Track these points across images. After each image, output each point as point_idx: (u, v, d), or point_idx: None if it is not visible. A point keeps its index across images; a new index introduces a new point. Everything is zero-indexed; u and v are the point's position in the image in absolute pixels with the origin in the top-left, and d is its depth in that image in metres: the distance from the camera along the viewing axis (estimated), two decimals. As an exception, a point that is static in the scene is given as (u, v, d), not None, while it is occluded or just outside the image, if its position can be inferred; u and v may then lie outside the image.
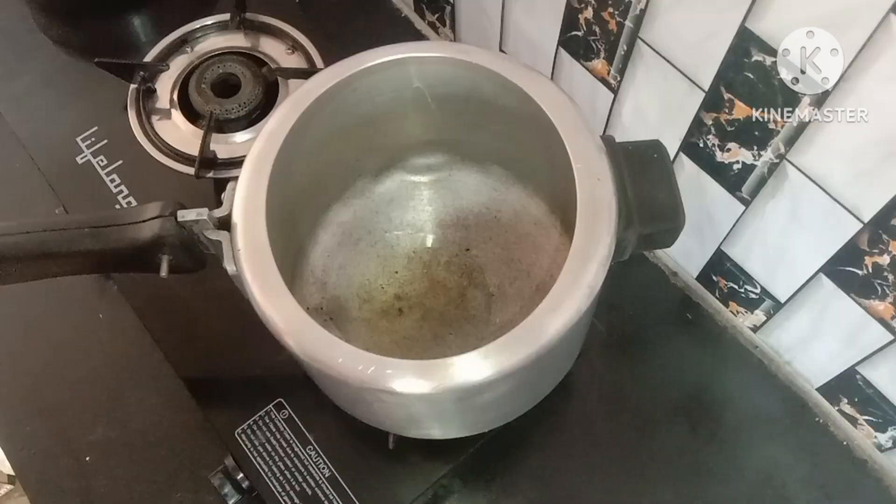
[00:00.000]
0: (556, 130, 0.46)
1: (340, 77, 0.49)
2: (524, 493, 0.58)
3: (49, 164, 0.71)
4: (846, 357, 0.55)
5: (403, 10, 0.81)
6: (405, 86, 0.52)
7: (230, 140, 0.70)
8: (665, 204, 0.47)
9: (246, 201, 0.45)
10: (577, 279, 0.42)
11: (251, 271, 0.44)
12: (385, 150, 0.59)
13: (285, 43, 0.76)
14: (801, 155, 0.47)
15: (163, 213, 0.46)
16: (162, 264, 0.47)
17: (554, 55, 0.62)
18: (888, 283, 0.47)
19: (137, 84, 0.72)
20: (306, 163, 0.51)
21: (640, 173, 0.47)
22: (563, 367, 0.54)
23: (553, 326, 0.41)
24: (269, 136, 0.48)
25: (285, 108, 0.49)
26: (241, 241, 0.44)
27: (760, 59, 0.44)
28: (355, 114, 0.53)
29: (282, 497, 0.56)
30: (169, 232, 0.46)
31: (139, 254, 0.47)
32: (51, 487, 0.59)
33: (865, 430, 0.59)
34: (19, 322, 0.66)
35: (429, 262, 0.60)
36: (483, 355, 0.40)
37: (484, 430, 0.55)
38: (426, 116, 0.56)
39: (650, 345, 0.64)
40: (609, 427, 0.61)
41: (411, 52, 0.50)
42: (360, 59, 0.50)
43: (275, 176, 0.46)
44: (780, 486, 0.58)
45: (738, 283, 0.61)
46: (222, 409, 0.59)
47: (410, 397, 0.41)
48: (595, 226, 0.43)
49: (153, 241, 0.46)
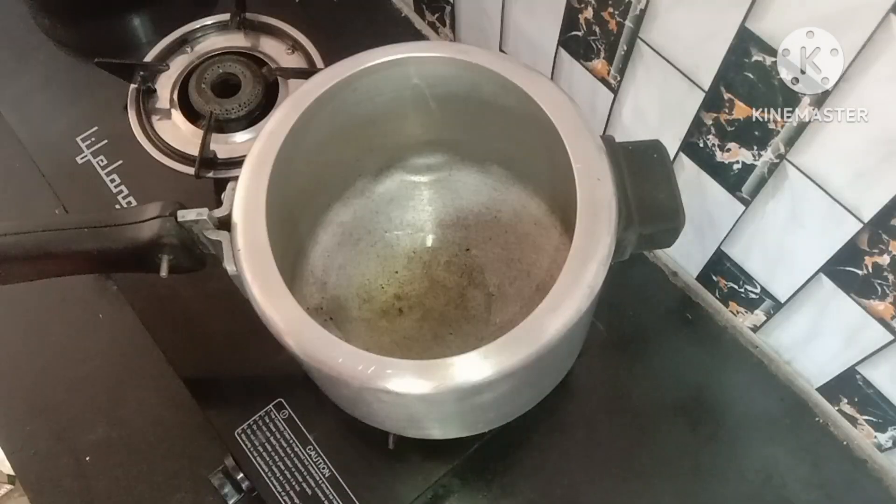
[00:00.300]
0: (556, 130, 0.46)
1: (340, 77, 0.49)
2: (524, 493, 0.58)
3: (49, 164, 0.71)
4: (846, 357, 0.55)
5: (403, 10, 0.81)
6: (405, 86, 0.52)
7: (230, 140, 0.70)
8: (665, 204, 0.47)
9: (246, 201, 0.45)
10: (577, 279, 0.42)
11: (251, 271, 0.44)
12: (385, 150, 0.59)
13: (285, 43, 0.76)
14: (801, 155, 0.47)
15: (163, 213, 0.46)
16: (162, 264, 0.47)
17: (554, 55, 0.62)
18: (888, 283, 0.47)
19: (137, 84, 0.72)
20: (306, 163, 0.51)
21: (640, 173, 0.47)
22: (564, 367, 0.54)
23: (553, 326, 0.41)
24: (269, 136, 0.48)
25: (285, 108, 0.49)
26: (241, 241, 0.44)
27: (760, 59, 0.44)
28: (355, 114, 0.53)
29: (282, 497, 0.56)
30: (169, 232, 0.46)
31: (139, 254, 0.47)
32: (51, 487, 0.59)
33: (865, 430, 0.59)
34: (19, 322, 0.66)
35: (429, 262, 0.60)
36: (483, 355, 0.40)
37: (484, 430, 0.55)
38: (426, 116, 0.56)
39: (650, 345, 0.64)
40: (609, 427, 0.61)
41: (411, 52, 0.50)
42: (360, 59, 0.50)
43: (275, 176, 0.46)
44: (780, 486, 0.58)
45: (738, 283, 0.61)
46: (222, 409, 0.59)
47: (410, 397, 0.41)
48: (595, 226, 0.43)
49: (153, 242, 0.46)
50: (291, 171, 0.49)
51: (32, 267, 0.47)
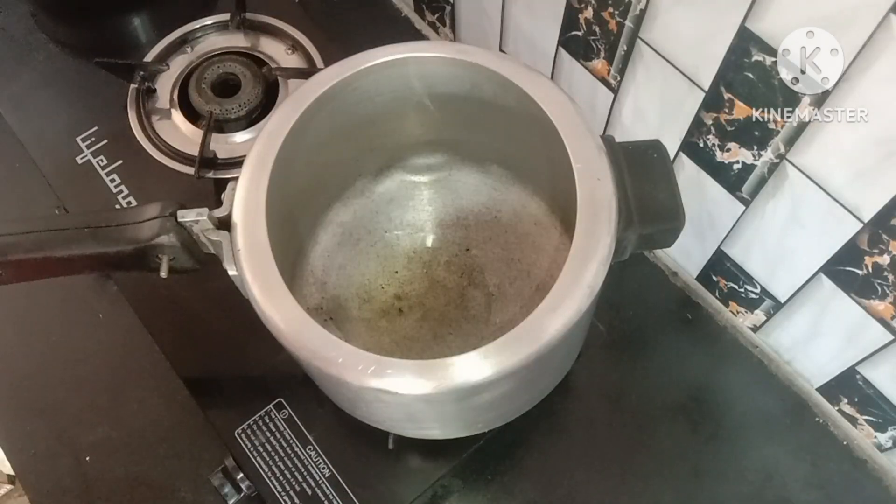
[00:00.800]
0: (556, 130, 0.46)
1: (340, 77, 0.49)
2: (524, 493, 0.58)
3: (49, 164, 0.71)
4: (846, 357, 0.55)
5: (403, 10, 0.81)
6: (405, 86, 0.52)
7: (230, 140, 0.70)
8: (665, 204, 0.47)
9: (246, 201, 0.45)
10: (577, 279, 0.42)
11: (251, 271, 0.43)
12: (385, 150, 0.59)
13: (285, 43, 0.76)
14: (801, 155, 0.47)
15: (163, 213, 0.46)
16: (162, 264, 0.47)
17: (554, 55, 0.62)
18: (888, 282, 0.47)
19: (137, 84, 0.72)
20: (306, 163, 0.51)
21: (640, 173, 0.47)
22: (563, 367, 0.54)
23: (553, 326, 0.41)
24: (269, 136, 0.48)
25: (285, 109, 0.49)
26: (241, 241, 0.44)
27: (760, 59, 0.44)
28: (355, 113, 0.53)
29: (282, 497, 0.56)
30: (169, 232, 0.46)
31: (139, 254, 0.47)
32: (51, 487, 0.59)
33: (865, 429, 0.59)
34: (19, 322, 0.66)
35: (429, 261, 0.60)
36: (483, 355, 0.40)
37: (484, 430, 0.55)
38: (426, 116, 0.56)
39: (650, 345, 0.64)
40: (609, 427, 0.61)
41: (411, 52, 0.50)
42: (360, 59, 0.50)
43: (275, 176, 0.46)
44: (780, 486, 0.58)
45: (738, 282, 0.61)
46: (222, 409, 0.59)
47: (410, 397, 0.41)
48: (595, 226, 0.43)
49: (153, 242, 0.46)
50: (291, 171, 0.49)
51: (32, 267, 0.47)
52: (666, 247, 0.51)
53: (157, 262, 0.47)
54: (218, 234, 0.46)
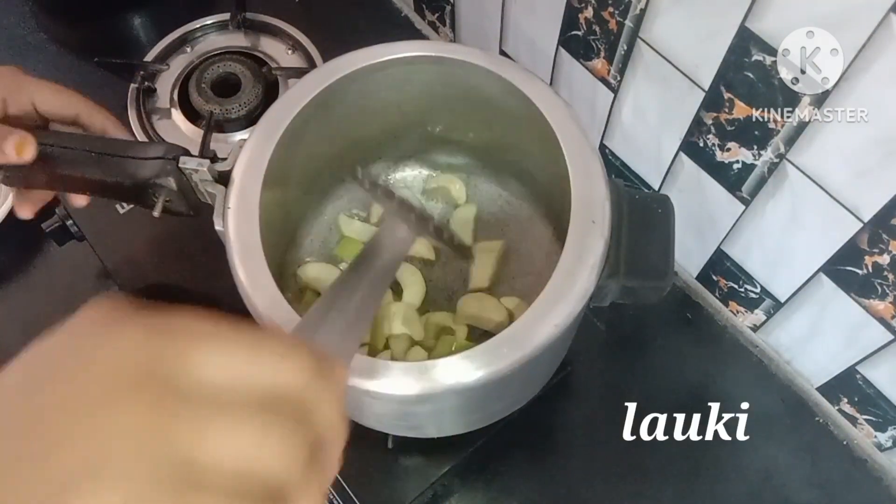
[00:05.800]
0: (553, 134, 0.46)
1: (355, 67, 0.49)
2: (524, 493, 0.58)
3: (49, 163, 0.70)
4: (846, 356, 0.55)
5: (403, 9, 0.81)
6: (405, 85, 0.52)
7: (230, 140, 0.70)
8: (655, 262, 0.46)
9: (249, 162, 0.46)
10: (567, 285, 0.42)
11: (235, 231, 0.44)
12: (385, 149, 0.59)
13: (285, 43, 0.76)
14: (801, 155, 0.47)
15: (166, 155, 0.46)
16: (157, 204, 0.47)
17: (554, 55, 0.62)
18: (888, 282, 0.47)
19: (137, 84, 0.72)
20: (307, 156, 0.52)
21: (639, 225, 0.46)
22: (547, 373, 0.53)
23: (542, 331, 0.41)
24: (288, 102, 0.48)
25: (310, 80, 0.49)
26: (233, 199, 0.45)
27: (760, 58, 0.44)
28: (354, 113, 0.53)
29: (282, 497, 0.56)
30: (168, 175, 0.46)
31: (137, 189, 0.47)
32: (51, 487, 0.59)
33: (865, 429, 0.59)
34: (19, 322, 0.66)
35: (426, 262, 0.59)
36: (469, 358, 0.40)
37: (480, 426, 0.55)
38: (426, 115, 0.56)
39: (650, 345, 0.64)
40: (609, 427, 0.61)
41: (411, 52, 0.50)
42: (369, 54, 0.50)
43: (281, 145, 0.46)
44: (780, 485, 0.58)
45: (738, 282, 0.61)
46: (222, 409, 0.59)
47: (398, 398, 0.41)
48: (586, 238, 0.43)
49: (151, 180, 0.46)
50: (299, 147, 0.49)
51: (46, 176, 0.47)
52: (649, 303, 0.49)
53: (154, 201, 0.47)
54: (215, 186, 0.46)
